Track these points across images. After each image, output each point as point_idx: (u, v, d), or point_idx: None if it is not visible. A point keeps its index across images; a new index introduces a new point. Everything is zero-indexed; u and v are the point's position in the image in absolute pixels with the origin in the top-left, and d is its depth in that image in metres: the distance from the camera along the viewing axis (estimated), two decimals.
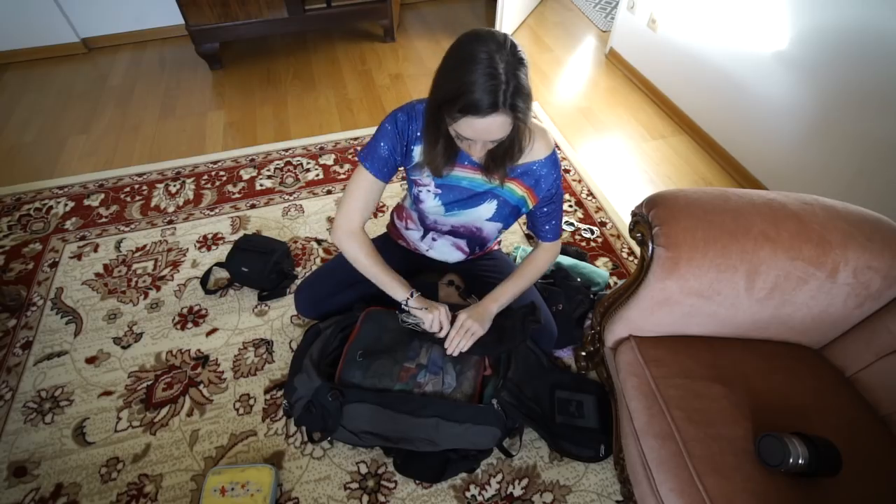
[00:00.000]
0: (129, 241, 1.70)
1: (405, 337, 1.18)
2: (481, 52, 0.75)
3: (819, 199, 0.95)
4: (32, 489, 1.14)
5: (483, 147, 0.87)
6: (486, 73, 0.74)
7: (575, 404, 1.22)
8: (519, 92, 0.77)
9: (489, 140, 0.84)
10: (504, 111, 0.77)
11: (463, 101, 0.76)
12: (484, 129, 0.80)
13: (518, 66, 0.76)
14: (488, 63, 0.74)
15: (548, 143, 1.03)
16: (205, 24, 2.38)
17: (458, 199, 1.08)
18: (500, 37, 0.77)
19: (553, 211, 1.12)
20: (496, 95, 0.75)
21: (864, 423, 0.90)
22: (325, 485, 1.14)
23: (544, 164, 1.03)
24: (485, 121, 0.78)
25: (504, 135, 0.83)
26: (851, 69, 1.45)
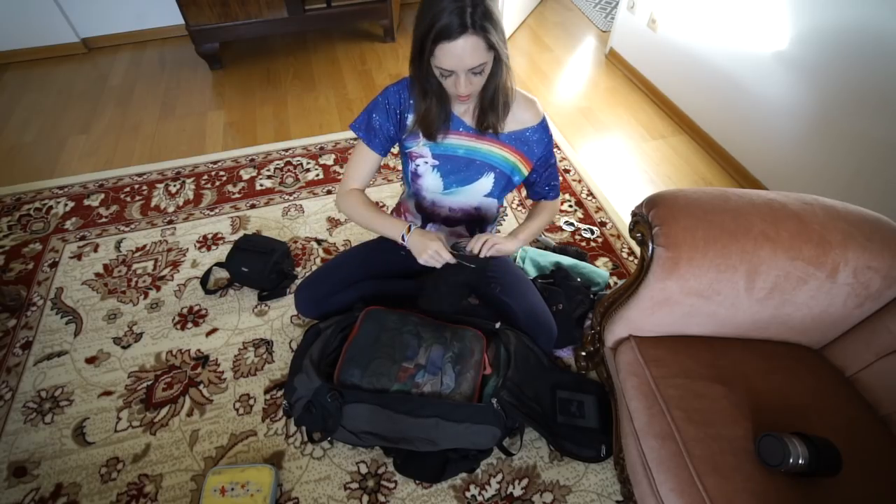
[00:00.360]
0: (129, 241, 1.70)
1: (404, 337, 1.18)
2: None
3: (819, 199, 0.95)
4: (32, 489, 1.14)
5: (467, 80, 0.89)
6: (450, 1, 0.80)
7: (576, 404, 1.22)
8: (487, 15, 0.82)
9: (467, 67, 0.86)
10: (474, 32, 0.82)
11: (435, 29, 0.82)
12: (459, 54, 0.84)
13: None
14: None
15: (537, 112, 1.09)
16: (205, 24, 2.38)
17: (455, 171, 1.11)
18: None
19: (552, 173, 1.19)
20: (463, 17, 0.80)
21: (864, 423, 0.90)
22: (325, 485, 1.14)
23: (535, 131, 1.09)
24: (457, 44, 0.82)
25: (480, 61, 0.86)
26: (851, 69, 1.45)
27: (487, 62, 0.89)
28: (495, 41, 0.85)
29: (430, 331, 1.20)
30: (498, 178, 1.13)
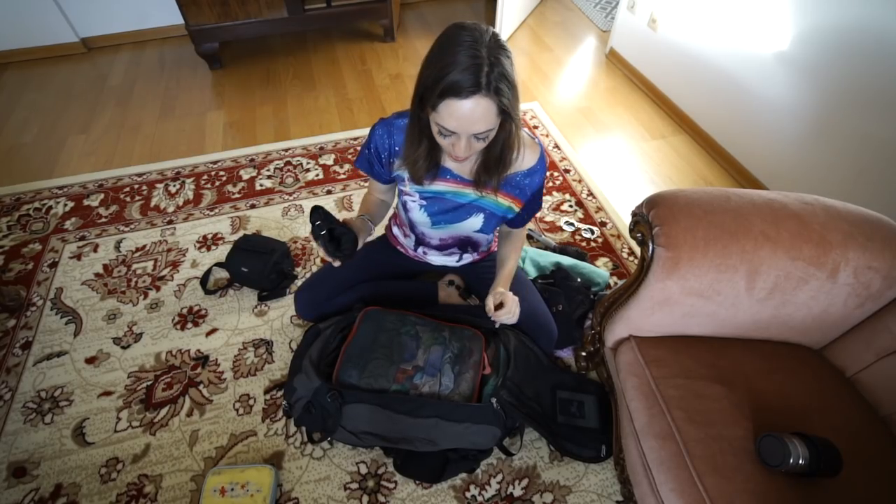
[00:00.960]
0: (128, 241, 1.70)
1: (403, 338, 1.18)
2: (464, 36, 0.74)
3: (819, 199, 0.95)
4: (32, 489, 1.14)
5: (468, 144, 0.81)
6: (468, 54, 0.73)
7: (576, 404, 1.22)
8: (503, 77, 0.75)
9: (473, 132, 0.79)
10: (487, 94, 0.74)
11: (444, 83, 0.73)
12: (467, 116, 0.76)
13: (501, 53, 0.75)
14: (471, 45, 0.73)
15: (535, 153, 1.01)
16: (205, 24, 2.38)
17: (444, 211, 1.07)
18: (483, 26, 0.77)
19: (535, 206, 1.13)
20: (478, 75, 0.72)
21: (864, 423, 0.90)
22: (325, 485, 1.14)
23: (527, 174, 1.02)
24: (467, 104, 0.74)
25: (488, 127, 0.79)
26: (852, 69, 1.45)
27: (495, 127, 0.81)
28: (508, 105, 0.77)
29: (428, 331, 1.20)
30: (488, 218, 1.09)
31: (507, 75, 0.75)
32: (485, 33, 0.75)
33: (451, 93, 0.74)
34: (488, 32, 0.75)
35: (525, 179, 1.03)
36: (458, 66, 0.72)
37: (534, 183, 1.04)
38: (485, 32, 0.75)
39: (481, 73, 0.72)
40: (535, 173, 1.03)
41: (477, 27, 0.76)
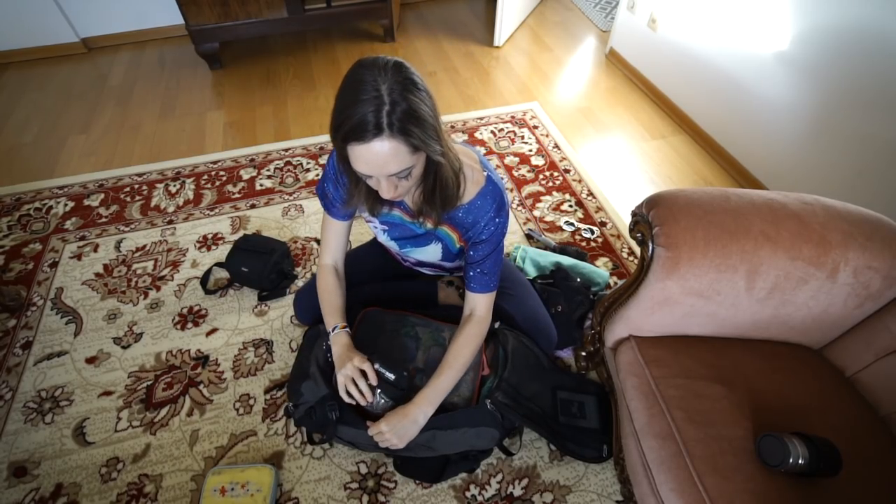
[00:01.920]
0: (128, 241, 1.70)
1: (402, 339, 1.18)
2: (365, 75, 0.69)
3: (819, 199, 0.95)
4: (32, 489, 1.14)
5: (389, 184, 0.77)
6: (365, 96, 0.68)
7: (576, 405, 1.22)
8: (410, 115, 0.69)
9: (387, 173, 0.74)
10: (391, 136, 0.69)
11: (345, 128, 0.70)
12: (374, 160, 0.72)
13: (407, 88, 0.70)
14: (371, 85, 0.68)
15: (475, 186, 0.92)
16: (205, 24, 2.38)
17: (405, 237, 1.06)
18: (383, 61, 0.71)
19: (481, 257, 0.98)
20: (378, 116, 0.68)
21: (864, 423, 0.90)
22: (325, 485, 1.14)
23: (468, 211, 0.93)
24: (371, 147, 0.70)
25: (402, 167, 0.74)
26: (852, 69, 1.45)
27: (416, 164, 0.76)
28: (421, 143, 0.72)
29: (428, 332, 1.20)
30: (445, 251, 1.05)
31: (414, 112, 0.70)
32: (386, 69, 0.70)
33: (353, 138, 0.70)
34: (390, 67, 0.70)
35: (467, 217, 0.94)
36: (358, 107, 0.68)
37: (477, 227, 0.94)
38: (387, 68, 0.70)
39: (381, 113, 0.68)
40: (477, 213, 0.93)
41: (378, 63, 0.71)
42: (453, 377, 1.04)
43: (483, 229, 0.95)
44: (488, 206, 0.93)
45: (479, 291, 1.03)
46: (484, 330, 1.07)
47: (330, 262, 1.12)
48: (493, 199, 0.92)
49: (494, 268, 1.01)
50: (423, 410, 1.00)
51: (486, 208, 0.93)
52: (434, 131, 0.75)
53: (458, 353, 1.04)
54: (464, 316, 1.09)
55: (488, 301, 1.06)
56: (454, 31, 2.88)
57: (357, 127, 0.69)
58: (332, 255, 1.12)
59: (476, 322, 1.06)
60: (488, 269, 1.00)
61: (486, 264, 0.99)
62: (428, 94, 0.74)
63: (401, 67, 0.72)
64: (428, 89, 0.75)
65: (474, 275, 1.01)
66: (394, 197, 0.80)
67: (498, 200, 0.93)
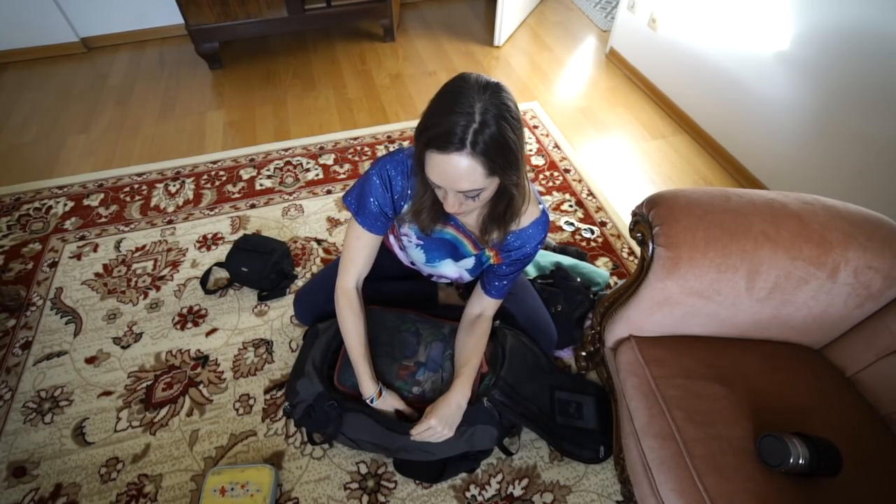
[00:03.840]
0: (128, 241, 1.70)
1: (403, 335, 1.18)
2: (465, 89, 0.71)
3: (820, 199, 0.95)
4: (32, 489, 1.14)
5: (455, 200, 0.78)
6: (459, 110, 0.69)
7: (574, 405, 1.21)
8: (495, 140, 0.70)
9: (457, 188, 0.75)
10: (472, 154, 0.70)
11: (429, 133, 0.71)
12: (449, 173, 0.72)
13: (501, 114, 0.70)
14: (466, 101, 0.69)
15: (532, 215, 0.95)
16: (204, 24, 2.38)
17: (439, 249, 1.06)
18: (485, 80, 0.72)
19: (512, 272, 1.04)
20: (465, 132, 0.68)
21: (864, 423, 0.90)
22: (325, 485, 1.14)
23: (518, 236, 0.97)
24: (449, 160, 0.71)
25: (474, 186, 0.74)
26: (852, 69, 1.45)
27: (487, 188, 0.76)
28: (499, 169, 0.73)
29: (428, 328, 1.20)
30: (477, 263, 1.07)
31: (501, 138, 0.70)
32: (486, 89, 0.70)
33: (434, 145, 0.71)
34: (490, 88, 0.71)
35: (515, 241, 0.98)
36: (445, 120, 0.69)
37: (522, 251, 0.99)
38: (487, 88, 0.71)
39: (468, 130, 0.68)
40: (526, 238, 0.97)
41: (481, 81, 0.71)
42: (476, 365, 1.10)
43: (525, 253, 1.01)
44: (538, 234, 0.98)
45: (496, 297, 1.10)
46: (489, 328, 1.14)
47: (353, 285, 1.05)
48: (543, 230, 0.98)
49: (513, 282, 1.08)
50: (464, 395, 1.05)
51: (535, 236, 0.98)
52: (515, 160, 0.75)
53: (476, 344, 1.10)
54: (471, 313, 1.14)
55: (497, 306, 1.14)
56: (454, 31, 2.88)
57: (443, 135, 0.70)
58: (356, 272, 1.04)
59: (487, 320, 1.13)
60: (510, 281, 1.07)
61: (510, 278, 1.06)
62: (519, 122, 0.74)
63: (499, 91, 0.72)
64: (520, 118, 0.75)
65: (498, 284, 1.07)
66: (456, 213, 0.82)
67: (545, 231, 0.99)
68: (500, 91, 0.72)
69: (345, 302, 1.05)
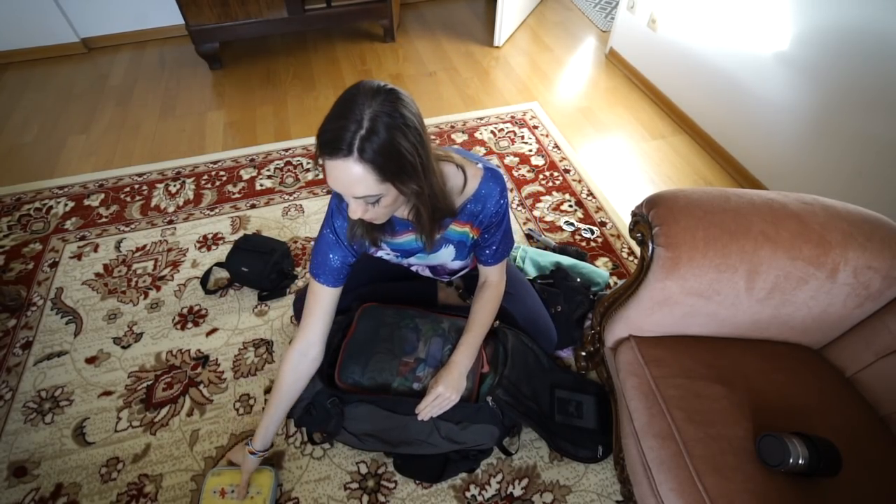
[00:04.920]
0: (129, 241, 1.70)
1: (403, 331, 1.18)
2: (357, 95, 0.70)
3: (819, 199, 0.95)
4: (32, 489, 1.14)
5: (357, 206, 0.77)
6: (348, 116, 0.69)
7: (574, 404, 1.22)
8: (384, 148, 0.69)
9: (353, 195, 0.74)
10: (360, 161, 0.69)
11: (321, 138, 0.70)
12: (341, 178, 0.72)
13: (394, 121, 0.69)
14: (356, 107, 0.69)
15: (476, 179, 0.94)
16: (205, 24, 2.38)
17: (416, 252, 1.06)
18: (378, 87, 0.71)
19: (495, 238, 1.03)
20: (352, 139, 0.68)
21: (864, 423, 0.90)
22: (325, 485, 1.14)
23: (475, 200, 0.95)
24: (337, 166, 0.70)
25: (368, 192, 0.73)
26: (852, 69, 1.45)
27: (386, 193, 0.75)
28: (392, 176, 0.72)
29: (427, 323, 1.20)
30: (459, 247, 1.05)
31: (390, 145, 0.69)
32: (378, 95, 0.70)
33: (325, 151, 0.70)
34: (382, 94, 0.70)
35: (475, 206, 0.96)
36: (337, 125, 0.69)
37: (487, 212, 0.96)
38: (378, 94, 0.70)
39: (356, 135, 0.68)
40: (484, 199, 0.95)
41: (373, 88, 0.71)
42: (481, 334, 1.09)
43: (492, 212, 0.98)
44: (493, 190, 0.96)
45: (493, 264, 1.09)
46: (500, 293, 1.12)
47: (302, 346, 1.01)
48: (496, 183, 0.96)
49: (506, 240, 1.06)
50: (464, 362, 1.06)
51: (492, 193, 0.96)
52: (412, 168, 0.74)
53: (481, 310, 1.09)
54: (479, 282, 1.13)
55: (501, 268, 1.11)
56: (454, 31, 2.88)
57: (330, 142, 0.69)
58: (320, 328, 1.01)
59: (494, 286, 1.11)
60: (499, 244, 1.05)
61: (496, 240, 1.04)
62: (416, 130, 0.73)
63: (395, 98, 0.71)
64: (418, 126, 0.73)
65: (489, 252, 1.06)
66: (368, 219, 0.82)
67: (500, 183, 0.96)
68: (395, 98, 0.71)
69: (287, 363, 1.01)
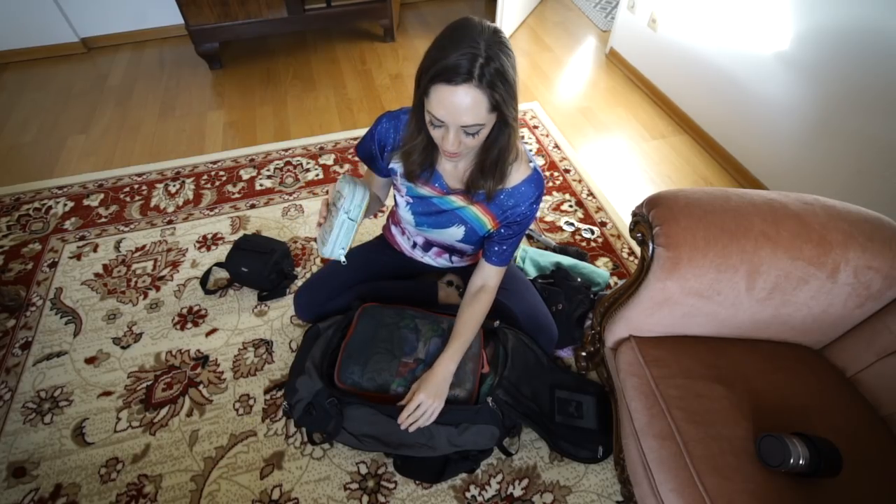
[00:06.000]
0: (128, 241, 1.69)
1: (402, 332, 1.18)
2: (468, 28, 0.75)
3: (819, 199, 0.95)
4: (32, 490, 1.14)
5: (456, 137, 0.79)
6: (466, 45, 0.72)
7: (574, 405, 1.21)
8: (501, 74, 0.74)
9: (461, 123, 0.77)
10: (479, 86, 0.73)
11: (437, 67, 0.73)
12: (455, 104, 0.74)
13: (502, 50, 0.74)
14: (471, 38, 0.73)
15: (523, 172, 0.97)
16: (204, 24, 2.38)
17: (428, 213, 1.07)
18: (482, 23, 0.76)
19: (510, 235, 1.04)
20: (472, 64, 0.72)
21: (864, 423, 0.90)
22: (325, 485, 1.14)
23: (511, 194, 0.98)
24: (457, 92, 0.73)
25: (477, 120, 0.77)
26: (852, 69, 1.45)
27: (486, 124, 0.79)
28: (501, 102, 0.76)
29: (427, 323, 1.20)
30: (469, 232, 1.08)
31: (504, 72, 0.74)
32: (487, 29, 0.75)
33: (442, 78, 0.73)
34: (491, 29, 0.75)
35: (508, 200, 0.99)
36: (454, 54, 0.72)
37: (517, 210, 0.99)
38: (488, 28, 0.75)
39: (475, 63, 0.72)
40: (520, 197, 0.98)
41: (482, 23, 0.76)
42: (468, 339, 1.10)
43: (521, 213, 1.00)
44: (531, 192, 0.98)
45: (497, 265, 1.09)
46: (492, 300, 1.13)
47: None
48: (537, 188, 0.98)
49: (514, 247, 1.08)
50: (449, 368, 1.06)
51: (528, 194, 0.98)
52: (514, 96, 0.79)
53: (473, 317, 1.10)
54: (474, 285, 1.13)
55: (500, 275, 1.12)
56: None
57: (450, 69, 0.72)
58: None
59: (489, 292, 1.12)
60: (510, 246, 1.07)
61: (510, 242, 1.06)
62: (515, 64, 0.78)
63: (498, 32, 0.76)
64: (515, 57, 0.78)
65: (498, 250, 1.07)
66: (455, 151, 0.82)
67: (540, 189, 0.99)
68: (498, 32, 0.76)
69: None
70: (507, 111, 0.79)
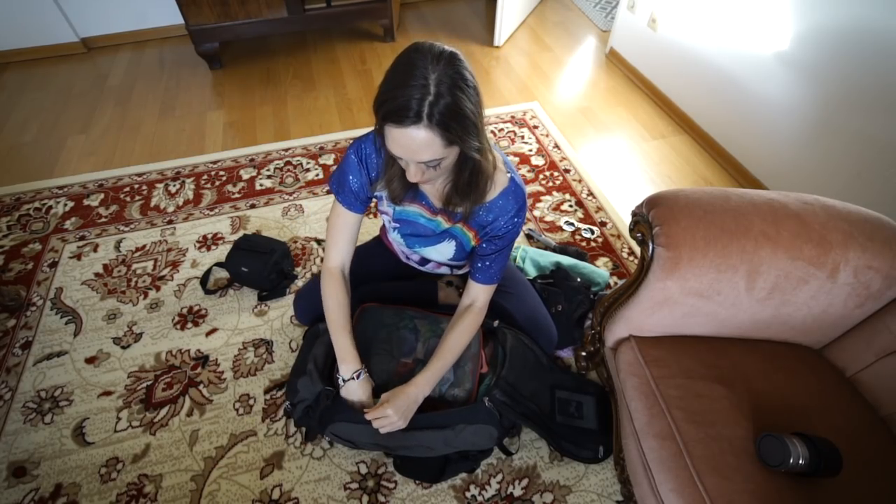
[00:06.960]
0: (128, 241, 1.70)
1: (401, 332, 1.18)
2: (417, 60, 0.70)
3: (819, 199, 0.95)
4: (32, 489, 1.14)
5: (417, 170, 0.79)
6: (415, 80, 0.69)
7: (574, 405, 1.21)
8: (451, 111, 0.70)
9: (417, 160, 0.76)
10: (429, 126, 0.70)
11: (386, 107, 0.71)
12: (408, 145, 0.73)
13: (456, 83, 0.70)
14: (421, 72, 0.69)
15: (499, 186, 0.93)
16: (204, 24, 2.38)
17: (416, 235, 1.06)
18: (438, 50, 0.71)
19: (493, 251, 1.00)
20: (421, 104, 0.68)
21: (864, 423, 0.90)
22: (325, 485, 1.14)
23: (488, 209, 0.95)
24: (406, 132, 0.71)
25: (434, 157, 0.75)
26: (852, 69, 1.45)
27: (447, 156, 0.77)
28: (457, 139, 0.74)
29: (426, 324, 1.20)
30: (458, 249, 1.06)
31: (457, 107, 0.71)
32: (440, 59, 0.70)
33: (391, 119, 0.71)
34: (444, 58, 0.71)
35: (487, 216, 0.96)
36: (403, 91, 0.69)
37: (497, 225, 0.96)
38: (440, 58, 0.70)
39: (424, 102, 0.69)
40: (498, 211, 0.94)
41: (434, 51, 0.71)
42: (450, 362, 1.06)
43: (502, 227, 0.97)
44: (510, 206, 0.95)
45: (482, 283, 1.05)
46: (480, 321, 1.10)
47: (338, 265, 1.06)
48: (516, 201, 0.95)
49: (501, 263, 1.03)
50: (423, 391, 1.03)
51: (507, 208, 0.95)
52: (475, 128, 0.76)
53: (457, 340, 1.06)
54: (463, 304, 1.10)
55: (489, 293, 1.08)
56: (454, 31, 2.88)
57: (398, 110, 0.70)
58: (340, 254, 1.06)
59: (476, 312, 1.08)
60: (496, 262, 1.03)
61: (494, 258, 1.02)
62: (476, 90, 0.75)
63: (454, 60, 0.72)
64: (476, 86, 0.75)
65: (482, 266, 1.03)
66: (420, 181, 0.82)
67: (520, 202, 0.95)
68: (454, 60, 0.72)
69: (328, 278, 1.06)
70: (467, 145, 0.76)
